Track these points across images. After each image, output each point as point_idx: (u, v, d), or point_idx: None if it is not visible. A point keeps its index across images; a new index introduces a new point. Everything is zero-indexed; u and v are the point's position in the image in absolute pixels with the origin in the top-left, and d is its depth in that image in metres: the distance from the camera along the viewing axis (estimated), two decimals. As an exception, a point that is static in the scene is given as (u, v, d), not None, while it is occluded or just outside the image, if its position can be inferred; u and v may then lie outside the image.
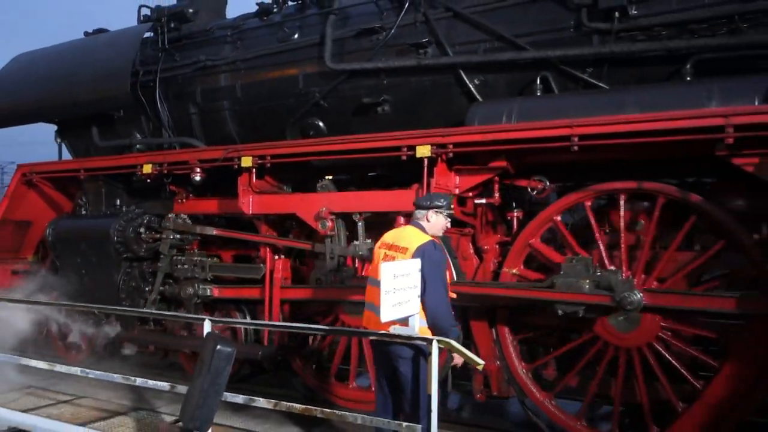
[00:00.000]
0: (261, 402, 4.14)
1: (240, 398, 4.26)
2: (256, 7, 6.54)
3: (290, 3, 6.46)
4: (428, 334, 3.60)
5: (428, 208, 4.00)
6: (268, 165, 5.52)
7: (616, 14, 4.54)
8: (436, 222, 4.02)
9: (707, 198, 4.24)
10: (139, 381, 4.76)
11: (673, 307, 4.21)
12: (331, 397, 5.59)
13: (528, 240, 4.82)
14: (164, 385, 4.61)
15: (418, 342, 3.57)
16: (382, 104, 5.62)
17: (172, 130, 6.96)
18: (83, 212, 7.00)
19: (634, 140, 4.06)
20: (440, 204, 4.01)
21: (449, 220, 4.10)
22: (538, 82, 4.82)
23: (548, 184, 4.61)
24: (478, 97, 5.18)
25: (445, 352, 3.86)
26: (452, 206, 4.11)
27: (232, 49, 6.58)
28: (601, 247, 4.48)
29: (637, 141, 4.05)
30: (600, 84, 4.73)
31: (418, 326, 3.58)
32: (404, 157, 4.82)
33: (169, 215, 6.22)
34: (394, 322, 3.51)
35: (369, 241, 5.25)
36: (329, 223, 5.24)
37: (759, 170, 3.82)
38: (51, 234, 6.95)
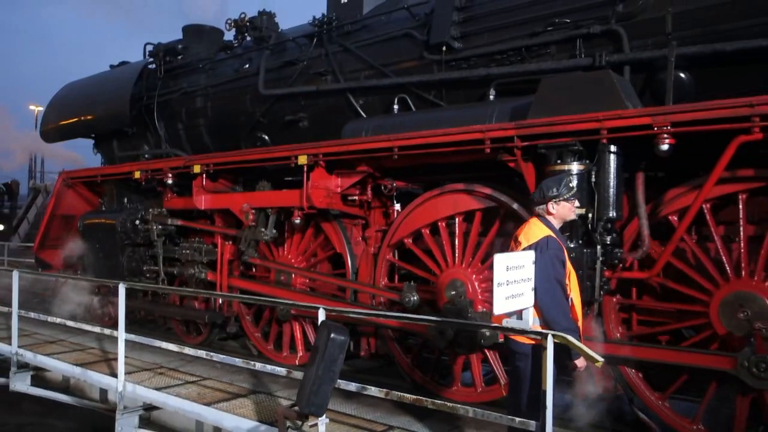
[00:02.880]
0: (373, 390, 4.21)
1: (353, 386, 4.35)
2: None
3: (248, 38, 7.99)
4: None
5: (545, 201, 3.81)
6: (211, 171, 7.07)
7: (444, 48, 5.68)
8: (560, 210, 3.81)
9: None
10: (258, 366, 5.02)
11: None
12: (274, 357, 7.05)
13: (386, 257, 6.04)
14: (281, 370, 4.83)
15: (533, 336, 3.45)
16: (301, 120, 7.03)
17: (168, 143, 8.73)
18: (102, 208, 8.93)
19: (432, 150, 5.20)
20: (554, 194, 3.77)
21: (575, 200, 3.87)
22: (396, 102, 6.03)
23: (394, 184, 5.85)
24: (362, 114, 6.47)
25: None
26: (571, 187, 3.81)
27: (206, 78, 8.24)
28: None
29: (433, 151, 5.19)
30: (441, 103, 5.88)
31: (532, 320, 3.46)
32: (293, 164, 6.19)
33: (150, 210, 7.92)
34: (507, 315, 3.43)
35: (274, 231, 6.69)
36: (251, 216, 6.72)
37: (517, 167, 4.85)
38: (80, 225, 8.93)
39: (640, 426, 4.79)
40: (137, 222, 8.20)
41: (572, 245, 4.54)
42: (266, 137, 7.55)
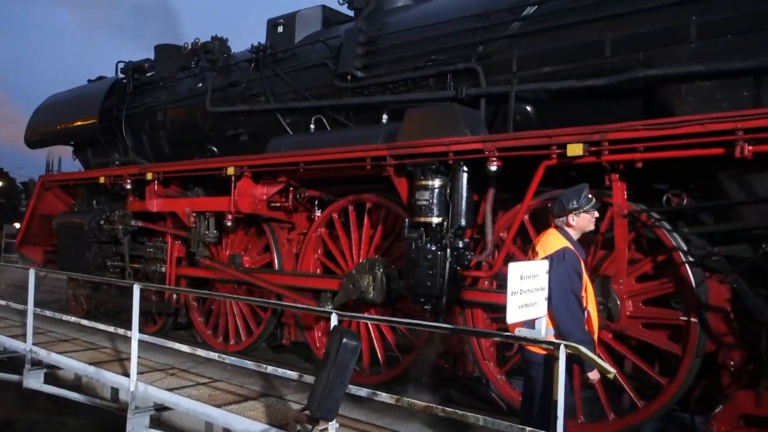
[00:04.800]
0: (383, 397, 4.25)
1: (363, 391, 4.38)
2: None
3: (202, 62, 8.94)
4: None
5: (565, 214, 3.88)
6: (161, 178, 8.02)
7: (349, 77, 6.58)
8: (580, 222, 3.88)
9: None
10: (269, 369, 5.04)
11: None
12: (215, 345, 7.90)
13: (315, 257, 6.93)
14: (293, 374, 4.84)
15: (545, 346, 3.49)
16: (241, 135, 7.96)
17: (134, 152, 9.70)
18: (75, 209, 9.91)
19: (328, 165, 6.09)
20: (575, 206, 3.85)
21: (594, 211, 3.95)
22: (312, 122, 6.93)
23: (306, 193, 6.76)
24: (289, 131, 7.38)
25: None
26: (590, 199, 3.91)
27: (167, 94, 9.20)
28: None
29: (329, 166, 6.08)
30: (349, 124, 6.77)
31: (545, 330, 3.49)
32: (224, 174, 7.09)
33: (116, 211, 8.87)
34: (520, 324, 3.45)
35: (215, 232, 7.60)
36: (192, 218, 7.65)
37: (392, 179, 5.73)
38: (56, 225, 9.91)
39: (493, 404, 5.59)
40: (102, 222, 9.15)
41: (432, 248, 5.39)
42: (215, 149, 8.49)
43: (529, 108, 5.47)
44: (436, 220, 5.38)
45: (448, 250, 5.29)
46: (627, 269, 4.64)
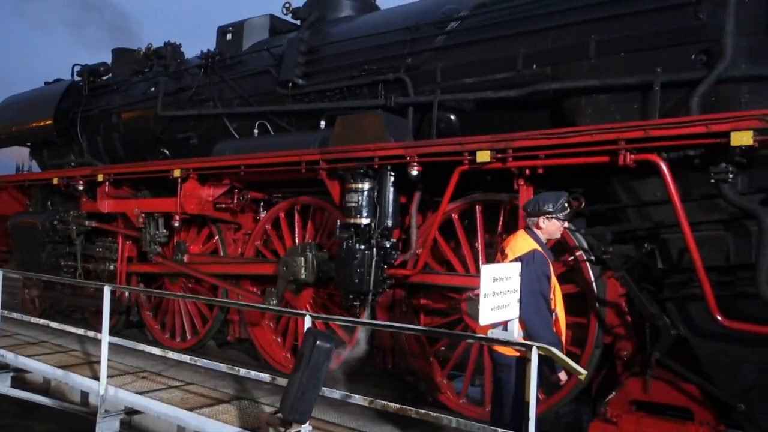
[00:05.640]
0: (357, 399, 4.27)
1: (337, 394, 4.42)
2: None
3: (156, 66, 9.16)
4: None
5: (537, 215, 3.95)
6: (111, 179, 8.23)
7: (290, 84, 6.89)
8: (550, 227, 3.94)
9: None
10: (242, 371, 5.04)
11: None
12: (165, 342, 8.15)
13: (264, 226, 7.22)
14: (265, 377, 4.91)
15: (517, 348, 3.54)
16: (191, 138, 8.21)
17: (89, 153, 9.88)
18: (30, 210, 10.05)
19: (267, 169, 6.39)
20: (549, 210, 3.91)
21: (565, 221, 4.02)
22: (256, 127, 7.21)
23: (249, 195, 7.05)
24: (236, 135, 7.65)
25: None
26: (565, 207, 3.99)
27: (121, 98, 9.41)
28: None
29: (268, 170, 6.38)
30: (291, 129, 7.07)
31: (517, 332, 3.54)
32: (171, 177, 7.34)
33: (71, 212, 9.03)
34: (492, 326, 3.51)
35: (165, 231, 7.85)
36: (141, 219, 7.88)
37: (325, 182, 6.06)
38: (10, 225, 10.03)
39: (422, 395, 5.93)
40: (55, 222, 9.31)
41: (361, 248, 5.70)
42: (167, 151, 8.72)
43: (452, 117, 5.82)
44: (364, 221, 5.70)
45: (375, 249, 5.62)
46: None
